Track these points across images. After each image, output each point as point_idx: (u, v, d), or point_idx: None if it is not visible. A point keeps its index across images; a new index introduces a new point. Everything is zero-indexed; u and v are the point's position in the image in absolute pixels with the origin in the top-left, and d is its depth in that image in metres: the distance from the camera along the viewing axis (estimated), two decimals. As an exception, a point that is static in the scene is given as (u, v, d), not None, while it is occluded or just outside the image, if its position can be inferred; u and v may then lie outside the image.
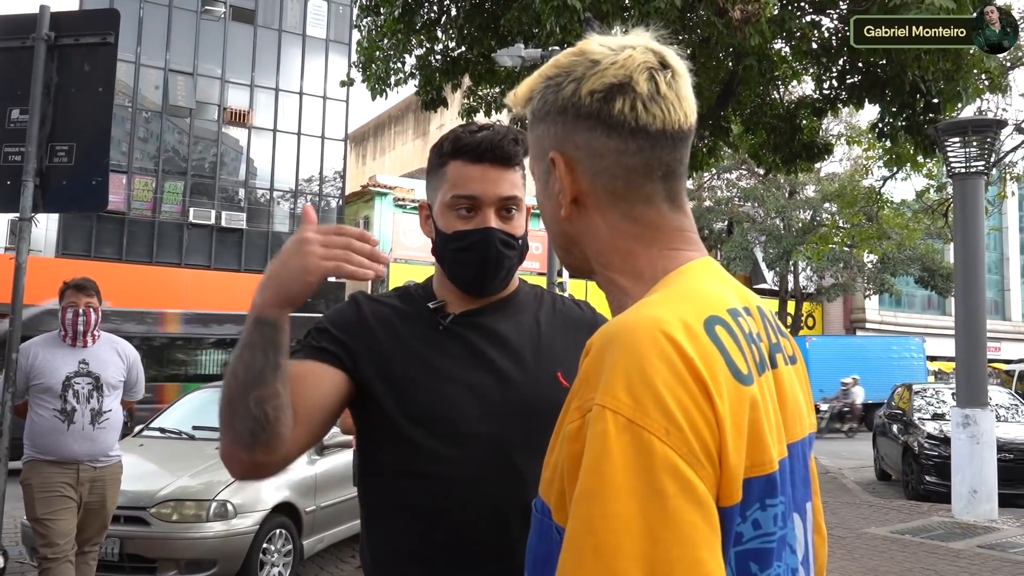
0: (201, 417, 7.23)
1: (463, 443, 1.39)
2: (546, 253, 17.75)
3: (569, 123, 0.95)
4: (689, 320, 0.83)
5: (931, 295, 36.10)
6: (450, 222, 1.50)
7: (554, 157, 0.96)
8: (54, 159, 3.94)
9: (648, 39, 0.96)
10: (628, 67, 0.92)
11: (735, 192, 30.59)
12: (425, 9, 11.70)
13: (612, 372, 0.79)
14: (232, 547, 5.59)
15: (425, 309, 1.53)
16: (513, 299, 1.58)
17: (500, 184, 1.48)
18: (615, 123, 0.92)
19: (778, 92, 12.75)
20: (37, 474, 4.38)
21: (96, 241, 25.49)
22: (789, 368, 0.99)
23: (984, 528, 8.36)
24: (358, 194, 31.22)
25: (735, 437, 0.80)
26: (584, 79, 0.93)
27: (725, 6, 8.83)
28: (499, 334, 1.51)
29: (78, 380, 4.45)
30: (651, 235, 0.95)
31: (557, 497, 0.83)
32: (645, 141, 0.93)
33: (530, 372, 1.47)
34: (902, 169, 15.17)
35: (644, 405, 0.77)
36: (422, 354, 1.46)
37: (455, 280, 1.52)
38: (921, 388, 13.49)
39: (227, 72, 28.03)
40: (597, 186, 0.95)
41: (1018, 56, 15.74)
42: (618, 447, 0.75)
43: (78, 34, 3.95)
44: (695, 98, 0.98)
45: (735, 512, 0.80)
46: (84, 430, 4.44)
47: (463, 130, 1.51)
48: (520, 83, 1.02)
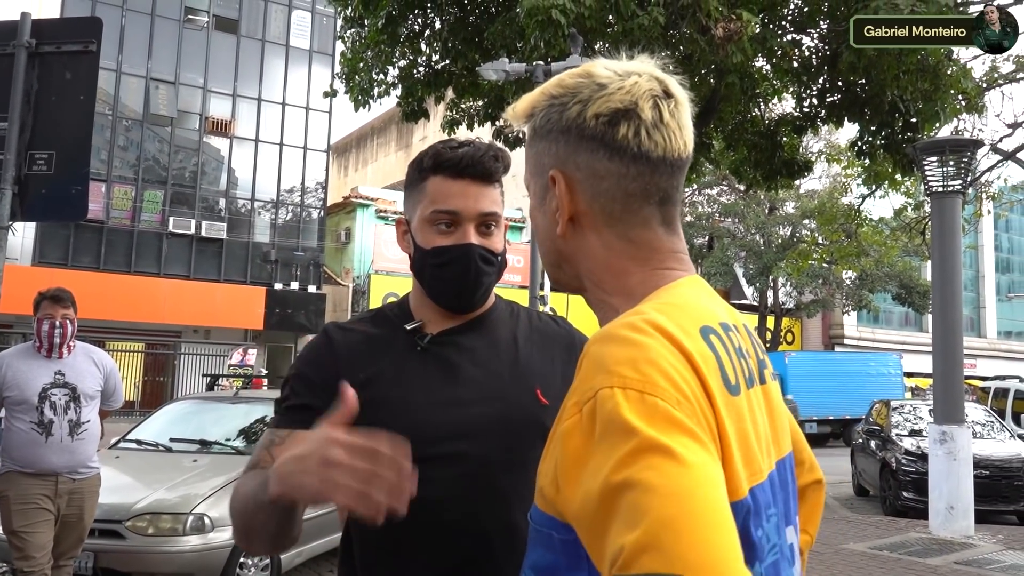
0: (179, 429, 7.16)
1: (444, 463, 1.37)
2: (528, 266, 17.77)
3: (572, 143, 0.96)
4: (684, 323, 0.84)
5: (908, 312, 36.48)
6: (429, 237, 1.49)
7: (554, 175, 0.97)
8: (33, 167, 3.90)
9: (652, 67, 0.97)
10: (634, 93, 0.93)
11: (716, 208, 30.80)
12: (409, 21, 11.71)
13: (613, 360, 0.79)
14: (209, 561, 5.52)
15: (402, 330, 1.51)
16: (490, 316, 1.57)
17: (480, 200, 1.48)
18: (618, 147, 0.93)
19: (759, 109, 12.86)
20: (14, 486, 4.30)
21: (73, 250, 25.23)
22: (775, 385, 1.02)
23: (961, 544, 8.42)
24: (340, 205, 31.16)
25: (731, 435, 0.81)
26: (590, 102, 0.94)
27: (708, 24, 8.91)
28: (477, 352, 1.50)
29: (55, 392, 4.38)
30: (645, 255, 0.96)
31: (559, 500, 0.82)
32: (646, 166, 0.94)
33: (508, 389, 1.47)
34: (880, 187, 15.37)
35: (653, 378, 0.77)
36: (400, 377, 1.45)
37: (434, 296, 1.52)
38: (899, 404, 13.59)
39: (209, 81, 27.91)
40: (595, 207, 0.96)
41: (994, 77, 15.99)
42: (634, 415, 0.74)
43: (60, 42, 3.91)
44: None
45: (741, 511, 0.79)
46: (63, 442, 4.37)
47: (443, 145, 1.50)
48: (519, 97, 1.03)
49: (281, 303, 27.29)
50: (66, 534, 4.49)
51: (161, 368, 25.58)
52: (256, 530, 1.32)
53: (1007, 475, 10.77)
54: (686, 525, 0.67)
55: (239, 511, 1.34)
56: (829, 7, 10.59)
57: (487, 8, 11.48)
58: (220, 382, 12.78)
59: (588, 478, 0.75)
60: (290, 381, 1.49)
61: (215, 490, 5.74)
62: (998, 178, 18.97)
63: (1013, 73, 16.12)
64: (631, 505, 0.70)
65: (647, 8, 8.93)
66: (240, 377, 14.44)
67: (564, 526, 0.82)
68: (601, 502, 0.73)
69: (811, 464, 1.19)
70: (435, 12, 11.72)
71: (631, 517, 0.69)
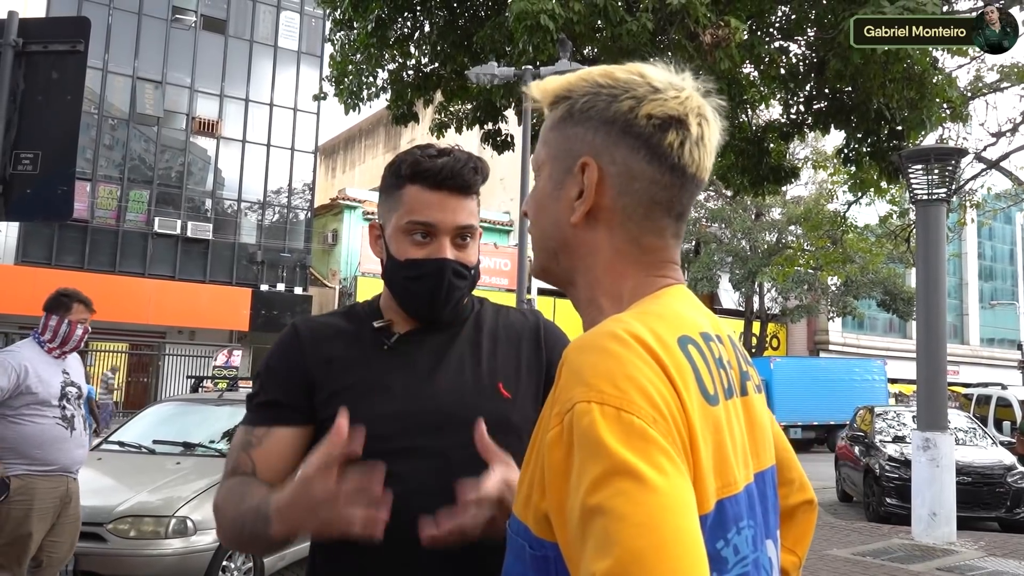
0: (162, 431, 7.11)
1: (404, 458, 1.38)
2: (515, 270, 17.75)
3: (614, 136, 0.94)
4: (662, 334, 0.84)
5: (893, 318, 36.71)
6: (403, 247, 1.48)
7: (587, 162, 0.95)
8: (18, 167, 3.86)
9: (693, 84, 0.97)
10: (687, 106, 0.94)
11: (703, 213, 30.92)
12: (398, 24, 11.70)
13: (592, 372, 0.79)
14: (191, 565, 5.48)
15: (369, 327, 1.52)
16: None
17: (458, 213, 1.48)
18: (661, 152, 0.93)
19: (746, 116, 12.91)
20: (36, 489, 4.22)
21: (57, 249, 25.05)
22: (760, 397, 1.01)
23: (943, 551, 8.47)
24: (327, 207, 31.07)
25: (704, 447, 0.81)
26: (644, 100, 0.94)
27: (696, 30, 8.94)
28: (441, 351, 1.51)
29: (69, 389, 4.41)
30: (647, 261, 0.97)
31: (535, 513, 0.83)
32: (679, 179, 0.95)
33: (470, 384, 1.48)
34: (866, 194, 15.47)
35: (629, 395, 0.77)
36: (364, 374, 1.46)
37: (404, 307, 1.52)
38: (883, 411, 13.67)
39: (196, 81, 27.79)
40: (619, 205, 0.95)
41: (979, 87, 16.14)
42: (610, 434, 0.75)
43: (47, 41, 3.88)
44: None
45: (706, 524, 0.80)
46: (81, 436, 4.42)
47: (422, 153, 1.49)
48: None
49: (267, 305, 27.17)
50: (63, 538, 4.43)
51: (145, 369, 25.41)
52: (254, 547, 1.39)
53: (989, 482, 10.84)
54: (655, 557, 0.69)
55: (233, 529, 1.36)
56: (816, 15, 10.66)
57: (476, 12, 11.49)
58: (204, 383, 12.68)
59: (571, 493, 0.76)
60: (260, 376, 1.50)
61: (198, 493, 5.70)
62: (982, 186, 19.16)
63: (997, 83, 16.29)
64: (603, 531, 0.71)
65: (636, 14, 8.96)
66: (224, 379, 14.33)
67: (538, 541, 0.82)
68: (578, 523, 0.74)
69: (801, 483, 1.17)
70: (424, 15, 11.72)
71: (603, 544, 0.71)
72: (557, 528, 0.80)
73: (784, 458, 1.13)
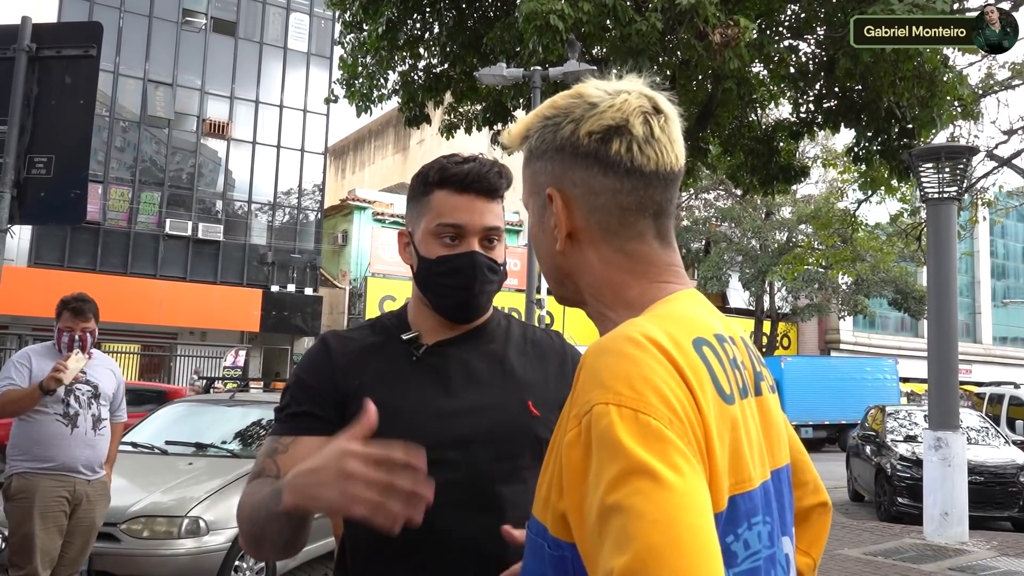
0: (174, 432, 7.15)
1: (434, 471, 1.39)
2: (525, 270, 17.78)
3: (566, 161, 0.98)
4: (677, 336, 0.86)
5: (904, 317, 36.54)
6: (433, 249, 1.51)
7: (551, 193, 0.99)
8: (32, 171, 3.90)
9: (641, 85, 0.99)
10: (624, 110, 0.96)
11: (712, 212, 30.87)
12: (408, 26, 11.73)
13: (609, 375, 0.81)
14: (204, 564, 5.51)
15: (398, 339, 1.54)
16: (485, 329, 1.60)
17: (485, 215, 1.51)
18: (611, 163, 0.96)
19: (756, 115, 12.90)
20: (36, 486, 4.22)
21: (70, 251, 25.20)
22: (773, 397, 1.03)
23: (955, 550, 8.43)
24: (337, 208, 31.16)
25: (720, 446, 0.83)
26: (583, 120, 0.97)
27: (705, 30, 8.93)
28: (470, 363, 1.53)
29: (79, 386, 4.35)
30: (642, 269, 0.99)
31: (553, 513, 0.85)
32: (639, 181, 0.97)
33: (500, 399, 1.50)
34: (876, 193, 15.41)
35: (646, 397, 0.79)
36: (394, 386, 1.48)
37: (439, 307, 1.54)
38: (894, 410, 13.61)
39: (207, 83, 27.91)
40: (592, 222, 0.98)
41: (990, 84, 16.06)
42: (627, 435, 0.77)
43: (60, 46, 3.91)
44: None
45: (720, 521, 0.81)
46: (86, 435, 4.34)
47: (449, 160, 1.53)
48: (517, 102, 1.06)
49: (277, 305, 27.26)
50: (74, 540, 4.40)
51: (157, 370, 25.53)
52: (267, 539, 1.35)
53: (1001, 481, 10.79)
54: (671, 553, 0.71)
55: (248, 519, 1.36)
56: (826, 13, 10.63)
57: (485, 13, 11.51)
58: (215, 384, 12.72)
59: (589, 493, 0.78)
60: (290, 389, 1.52)
61: (210, 493, 5.73)
62: (994, 184, 19.05)
63: (1009, 80, 16.20)
64: (621, 529, 0.73)
65: (645, 14, 8.96)
66: (231, 379, 14.34)
67: (555, 541, 0.84)
68: (596, 521, 0.76)
69: (815, 486, 1.19)
70: (434, 16, 11.74)
71: (621, 541, 0.73)
72: (575, 527, 0.81)
73: (798, 460, 1.14)
